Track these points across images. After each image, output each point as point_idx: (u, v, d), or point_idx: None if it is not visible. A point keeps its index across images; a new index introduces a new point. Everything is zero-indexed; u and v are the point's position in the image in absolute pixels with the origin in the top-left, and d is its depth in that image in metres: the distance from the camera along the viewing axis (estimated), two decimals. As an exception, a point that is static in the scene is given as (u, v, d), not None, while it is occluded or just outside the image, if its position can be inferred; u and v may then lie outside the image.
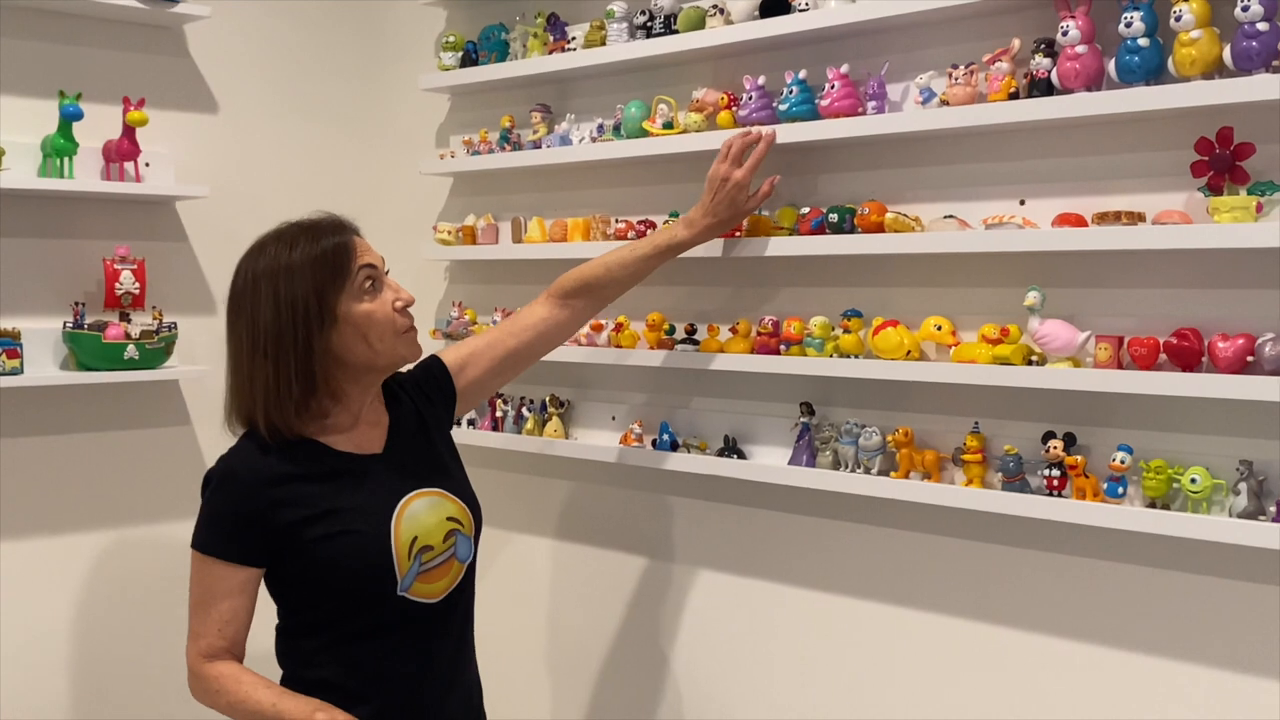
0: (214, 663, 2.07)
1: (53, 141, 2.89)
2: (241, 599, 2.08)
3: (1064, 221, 2.19)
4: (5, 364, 2.79)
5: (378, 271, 2.11)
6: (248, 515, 2.05)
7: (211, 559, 2.06)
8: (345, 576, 2.07)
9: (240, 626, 2.09)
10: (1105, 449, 2.20)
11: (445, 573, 2.15)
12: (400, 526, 2.09)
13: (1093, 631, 2.29)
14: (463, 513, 2.19)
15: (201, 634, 2.08)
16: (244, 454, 2.09)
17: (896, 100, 2.45)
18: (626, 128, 2.83)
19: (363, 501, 2.09)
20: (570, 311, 2.50)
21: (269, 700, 2.02)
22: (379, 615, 2.09)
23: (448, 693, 2.20)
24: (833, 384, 2.57)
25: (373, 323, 2.07)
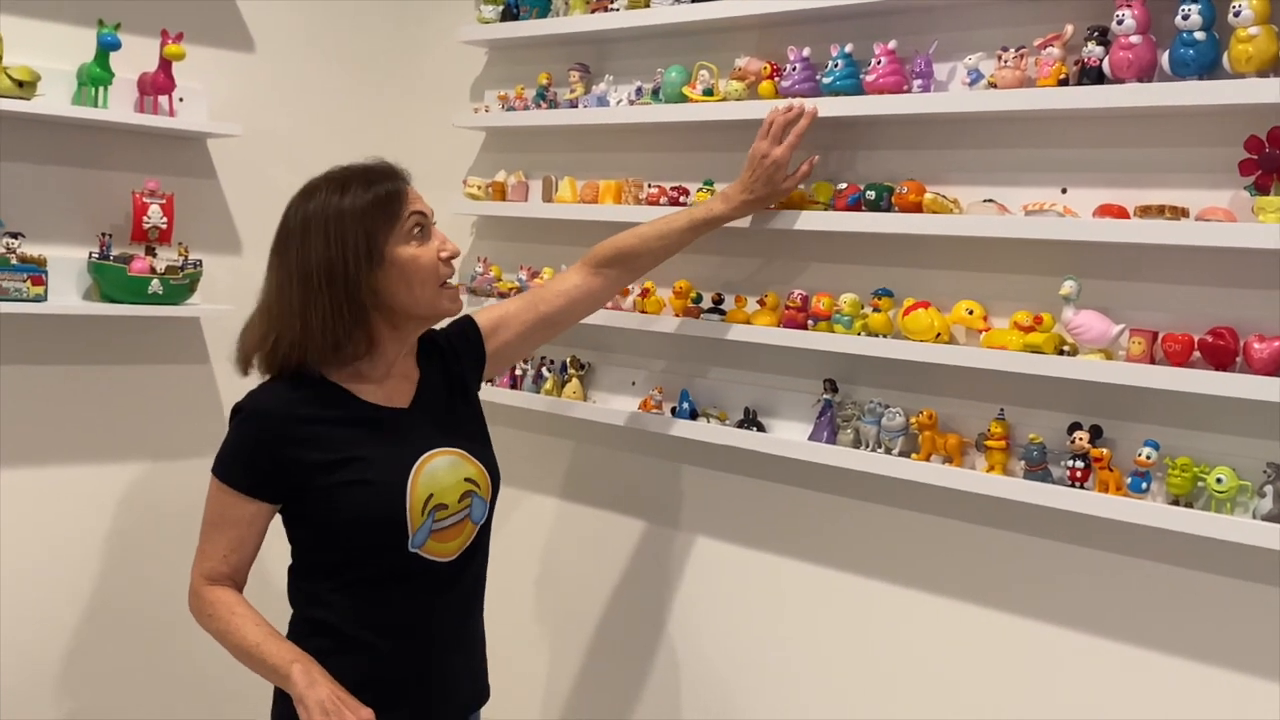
0: (214, 587, 2.11)
1: (89, 70, 2.87)
2: (250, 530, 2.11)
3: (1105, 212, 2.18)
4: (29, 290, 2.78)
5: (426, 220, 2.14)
6: (270, 451, 2.07)
7: (228, 487, 2.10)
8: (357, 525, 2.08)
9: (245, 557, 2.12)
10: (1131, 443, 2.18)
11: (458, 533, 2.16)
12: (417, 482, 2.10)
13: (1108, 626, 2.29)
14: (481, 475, 2.21)
15: (208, 555, 2.12)
16: (273, 392, 2.12)
17: (943, 80, 2.43)
18: (666, 92, 2.81)
19: (383, 453, 2.11)
20: (603, 280, 2.53)
21: (254, 639, 2.04)
22: (389, 568, 2.11)
23: (450, 652, 2.21)
24: (858, 362, 2.55)
25: (418, 267, 2.10)
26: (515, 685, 3.29)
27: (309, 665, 2.01)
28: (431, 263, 2.12)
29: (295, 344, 2.08)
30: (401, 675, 2.13)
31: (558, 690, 3.25)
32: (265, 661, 2.03)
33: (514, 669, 3.29)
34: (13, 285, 2.75)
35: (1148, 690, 2.24)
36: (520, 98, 3.18)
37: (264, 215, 3.23)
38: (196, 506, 3.11)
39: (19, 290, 2.76)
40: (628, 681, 3.07)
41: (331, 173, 2.15)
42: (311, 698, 1.96)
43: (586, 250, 3.00)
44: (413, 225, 2.11)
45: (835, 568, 2.68)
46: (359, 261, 2.06)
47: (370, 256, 2.06)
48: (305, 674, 1.99)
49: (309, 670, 2.00)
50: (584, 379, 3.10)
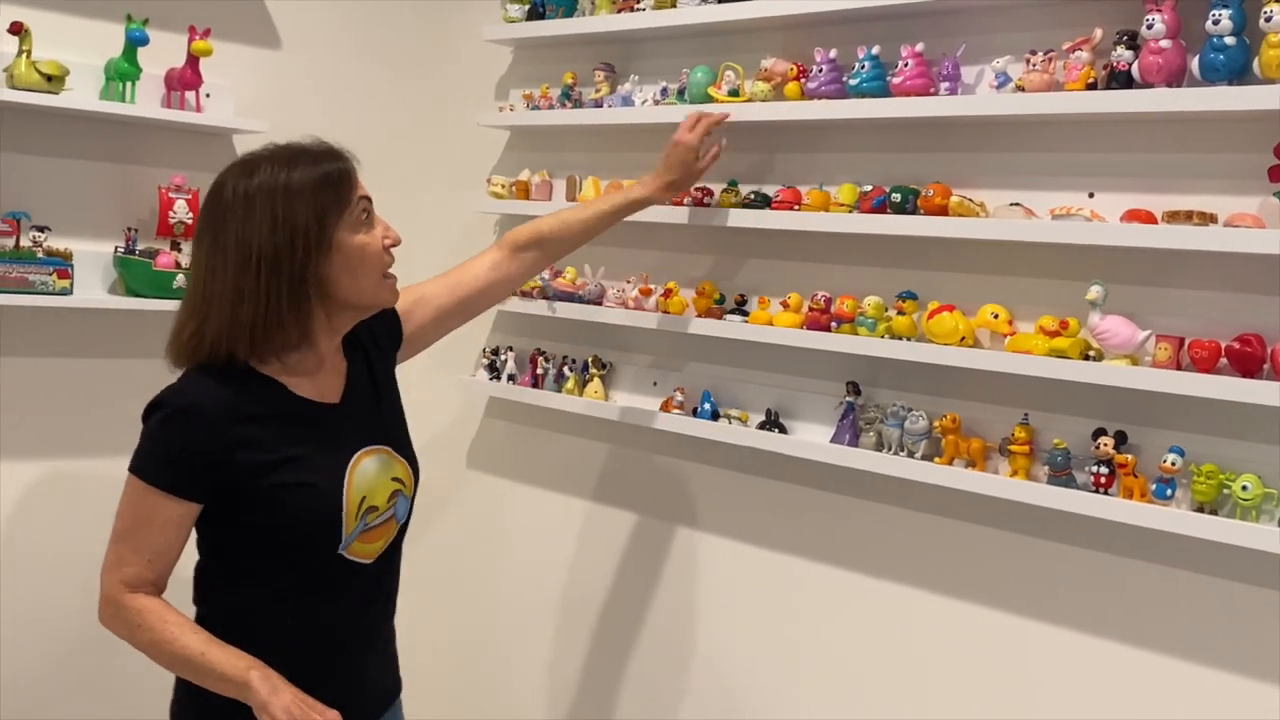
0: (136, 594, 1.95)
1: (117, 65, 2.89)
2: (177, 534, 1.96)
3: (1133, 217, 2.17)
4: (55, 284, 2.80)
5: (371, 206, 2.01)
6: (202, 450, 1.92)
7: (153, 489, 1.93)
8: (291, 529, 1.97)
9: (170, 561, 1.97)
10: (1156, 450, 2.17)
11: (383, 533, 2.08)
12: (352, 484, 2.01)
13: (1131, 633, 2.28)
14: (406, 473, 2.13)
15: (128, 562, 1.95)
16: (203, 387, 1.94)
17: (970, 83, 2.42)
18: (691, 92, 2.81)
19: (320, 453, 2.00)
20: (519, 264, 2.47)
21: (197, 647, 1.90)
22: (313, 570, 2.01)
23: (366, 652, 2.14)
24: (882, 365, 2.55)
25: (364, 256, 1.97)
26: (530, 686, 3.29)
27: (266, 671, 1.88)
28: (376, 252, 1.99)
29: (223, 332, 1.92)
30: (318, 676, 1.98)
31: (577, 690, 3.25)
32: (214, 670, 1.89)
33: (528, 669, 3.29)
34: (39, 278, 2.77)
35: (1173, 698, 2.23)
36: (545, 97, 3.19)
37: (288, 211, 3.30)
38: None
39: (45, 283, 2.78)
40: (646, 682, 3.07)
41: (274, 148, 2.00)
42: (276, 704, 1.84)
43: (607, 250, 3.01)
44: (361, 210, 1.98)
45: (856, 570, 2.67)
46: (307, 246, 1.91)
47: (320, 241, 1.92)
48: (265, 681, 1.86)
49: (268, 676, 1.87)
50: (605, 379, 3.10)
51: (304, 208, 1.91)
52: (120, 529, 1.97)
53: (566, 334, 3.21)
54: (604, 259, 3.04)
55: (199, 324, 1.94)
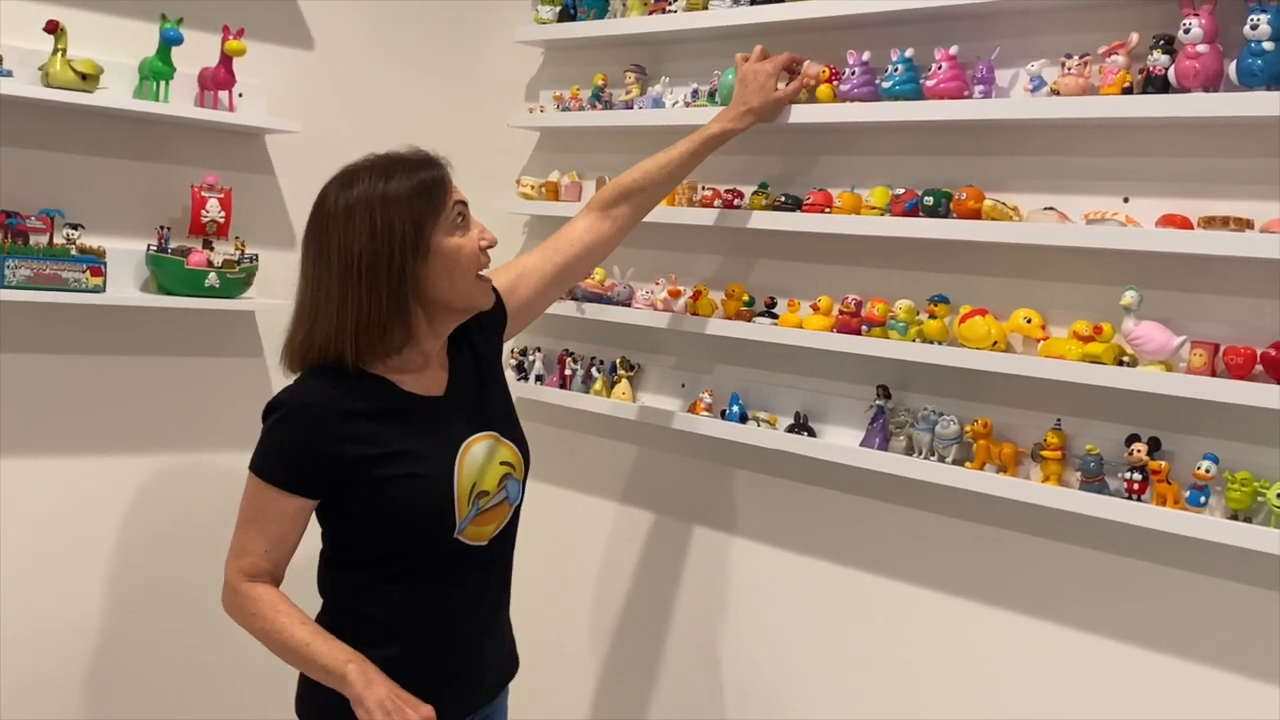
0: (254, 584, 2.07)
1: (151, 64, 2.90)
2: (293, 527, 2.07)
3: (1168, 222, 2.15)
4: (88, 281, 2.81)
5: (467, 209, 2.11)
6: (315, 448, 2.03)
7: (269, 485, 2.05)
8: (407, 518, 2.07)
9: (286, 553, 2.08)
10: (1190, 457, 2.16)
11: (496, 516, 2.16)
12: (462, 471, 2.10)
13: (1163, 640, 2.26)
14: (515, 456, 2.21)
15: (247, 552, 2.07)
16: (315, 387, 2.06)
17: (1004, 86, 2.41)
18: (722, 94, 2.80)
19: (429, 444, 2.09)
20: (612, 222, 2.52)
21: (303, 638, 2.01)
22: (430, 555, 2.10)
23: (485, 635, 2.21)
24: (913, 369, 2.54)
25: (460, 257, 2.07)
26: (561, 685, 3.29)
27: (364, 665, 1.98)
28: (472, 254, 2.08)
29: (330, 337, 2.03)
30: (441, 661, 2.12)
31: (604, 690, 3.25)
32: (316, 661, 2.00)
33: (558, 669, 3.29)
34: (72, 276, 2.78)
35: (1208, 708, 2.21)
36: (575, 98, 3.19)
37: (320, 211, 3.31)
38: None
39: (78, 281, 2.79)
40: (671, 683, 3.07)
41: (372, 159, 2.11)
42: (371, 698, 1.93)
43: (636, 252, 3.01)
44: (456, 214, 2.07)
45: (884, 575, 2.67)
46: (404, 251, 2.01)
47: (416, 246, 2.02)
48: (362, 674, 1.96)
49: (365, 670, 1.97)
50: (633, 380, 3.10)
51: (401, 215, 2.01)
52: (241, 521, 2.09)
53: (595, 335, 3.21)
54: (633, 260, 3.04)
55: (308, 330, 2.07)
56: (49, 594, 2.98)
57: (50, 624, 2.98)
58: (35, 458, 2.95)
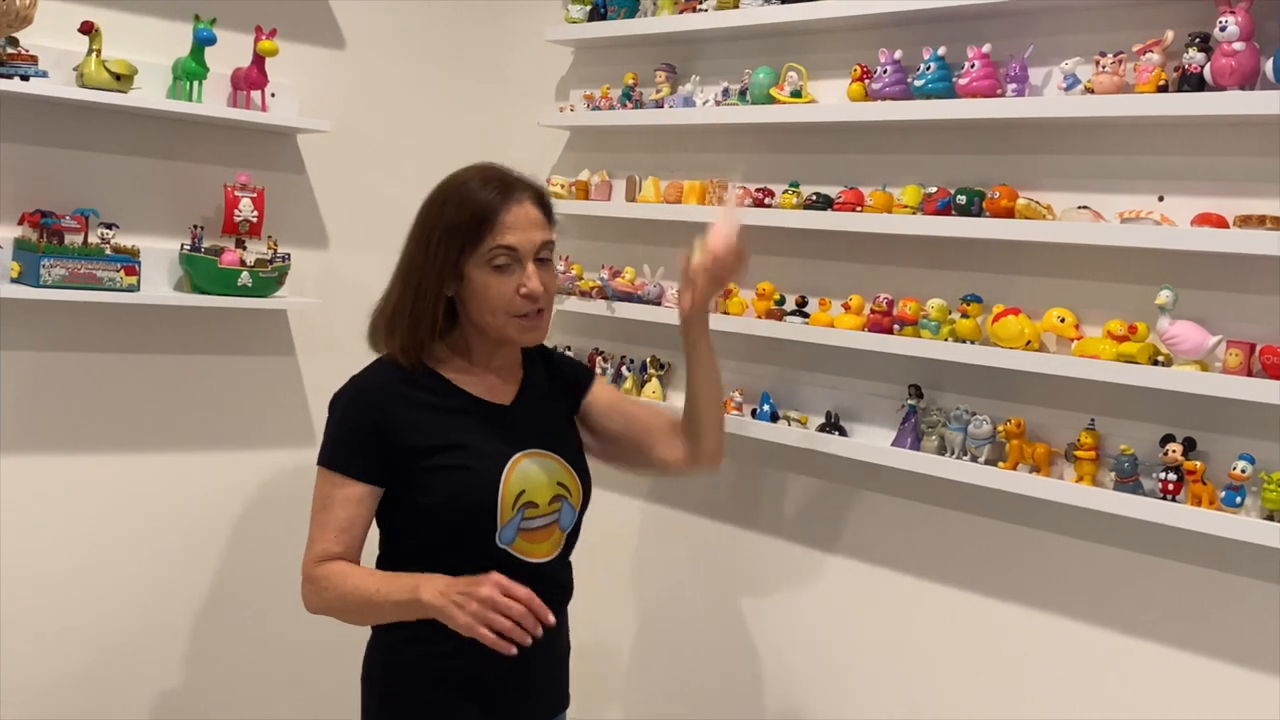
0: (325, 564, 2.09)
1: (184, 65, 2.92)
2: (359, 510, 2.10)
3: (1204, 221, 2.14)
4: (123, 280, 2.83)
5: (516, 255, 2.08)
6: (372, 431, 2.08)
7: (334, 473, 2.10)
8: (448, 509, 2.09)
9: (356, 535, 2.11)
10: (1226, 457, 2.15)
11: (548, 536, 2.16)
12: (511, 476, 2.11)
13: (1200, 642, 2.25)
14: (573, 481, 2.21)
15: (317, 540, 2.10)
16: (376, 374, 2.15)
17: (1038, 85, 2.40)
18: (753, 94, 2.80)
19: (482, 443, 2.12)
20: (676, 450, 2.34)
21: (373, 587, 2.04)
22: (477, 559, 2.07)
23: (535, 654, 2.06)
24: (945, 368, 2.53)
25: (486, 296, 2.09)
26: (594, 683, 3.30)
27: (428, 580, 1.98)
28: (502, 296, 2.09)
29: (384, 320, 2.15)
30: (485, 669, 2.09)
31: (631, 686, 3.25)
32: (390, 600, 2.01)
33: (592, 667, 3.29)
34: (107, 275, 2.80)
35: (1245, 709, 2.19)
36: (606, 97, 3.19)
37: (351, 210, 3.33)
38: (279, 497, 3.23)
39: (113, 280, 2.81)
40: (697, 680, 3.07)
41: (475, 169, 2.15)
42: (447, 608, 1.93)
43: (666, 250, 3.02)
44: (496, 256, 2.08)
45: (915, 575, 2.66)
46: (440, 271, 2.09)
47: (451, 270, 2.09)
48: (429, 587, 1.96)
49: (431, 583, 1.97)
50: (664, 379, 3.10)
51: (444, 236, 2.08)
52: (312, 514, 2.13)
53: (625, 334, 3.21)
54: (663, 259, 3.04)
55: (379, 310, 2.18)
56: (79, 590, 3.00)
57: (83, 619, 3.01)
58: (69, 455, 2.97)
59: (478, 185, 2.10)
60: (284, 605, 3.18)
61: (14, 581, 2.89)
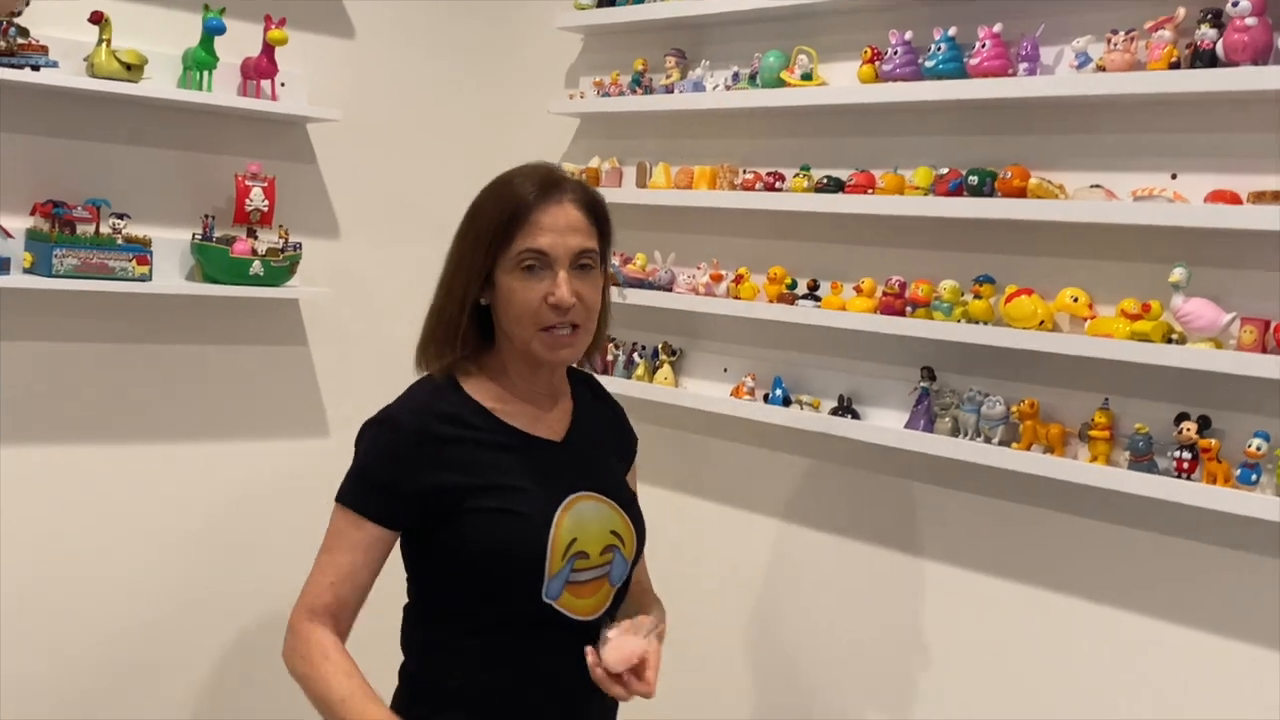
0: (314, 624, 1.85)
1: (194, 54, 2.92)
2: (366, 558, 1.86)
3: (1217, 198, 2.13)
4: (135, 270, 2.83)
5: (546, 259, 1.85)
6: (399, 470, 1.86)
7: (348, 511, 1.88)
8: (493, 558, 1.85)
9: (354, 589, 1.86)
10: (1241, 435, 2.14)
11: (595, 590, 1.92)
12: (563, 522, 1.88)
13: (1216, 622, 2.24)
14: (628, 532, 1.98)
15: (314, 583, 1.88)
16: (412, 401, 1.92)
17: (1049, 64, 2.39)
18: (763, 77, 2.80)
19: (532, 485, 1.89)
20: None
21: (340, 692, 1.80)
22: (519, 616, 1.87)
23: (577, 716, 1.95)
24: (958, 350, 2.52)
25: (513, 302, 1.87)
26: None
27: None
28: (527, 304, 1.86)
29: (429, 330, 1.94)
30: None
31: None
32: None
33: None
34: (119, 264, 2.81)
35: (1261, 690, 2.19)
36: (615, 84, 3.19)
37: (362, 199, 3.33)
38: (291, 487, 3.23)
39: (125, 269, 2.81)
40: (711, 666, 3.06)
41: (522, 168, 1.93)
42: None
43: (678, 236, 3.02)
44: (523, 259, 1.85)
45: (930, 558, 2.65)
46: (471, 272, 1.89)
47: (479, 271, 1.88)
48: None
49: None
50: (675, 365, 3.10)
51: (478, 236, 1.88)
52: (318, 556, 1.90)
53: (636, 320, 3.21)
54: (674, 245, 3.04)
55: (427, 320, 1.96)
56: (86, 582, 3.01)
57: (91, 609, 3.01)
58: (81, 445, 2.98)
59: (519, 181, 1.89)
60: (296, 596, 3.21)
61: (22, 573, 2.90)
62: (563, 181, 1.90)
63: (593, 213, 1.92)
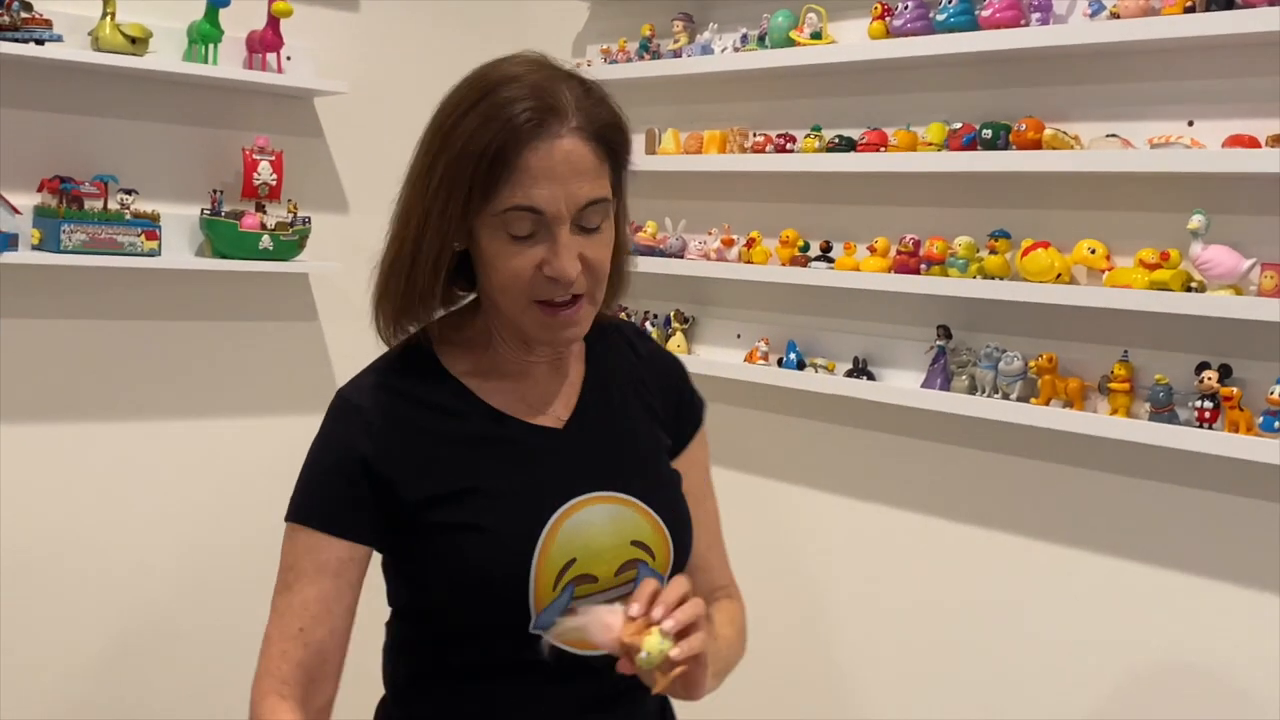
0: (280, 702, 1.41)
1: (199, 28, 2.90)
2: (337, 586, 1.43)
3: (1235, 143, 2.11)
4: (143, 245, 2.82)
5: (543, 220, 1.37)
6: (358, 466, 1.43)
7: (299, 529, 1.44)
8: (459, 590, 1.43)
9: (329, 632, 1.43)
10: (1263, 382, 2.11)
11: None
12: (555, 538, 1.42)
13: (1244, 572, 2.21)
14: (657, 537, 1.49)
15: (274, 642, 1.44)
16: (370, 381, 1.49)
17: (1062, 13, 2.36)
18: (772, 37, 2.77)
19: (511, 490, 1.44)
20: None
21: None
22: (509, 659, 1.44)
23: None
24: (974, 307, 2.50)
25: (495, 269, 1.41)
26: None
27: None
28: (515, 275, 1.39)
29: (389, 284, 1.45)
30: None
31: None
32: None
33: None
34: (127, 239, 2.79)
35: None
36: (623, 50, 3.17)
37: (370, 172, 3.31)
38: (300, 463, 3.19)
39: (134, 244, 2.80)
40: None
41: (502, 66, 1.44)
42: None
43: (688, 203, 3.00)
44: (511, 219, 1.37)
45: (950, 519, 2.63)
46: (444, 220, 1.40)
47: (455, 223, 1.40)
48: None
49: None
50: (688, 332, 3.08)
51: (454, 175, 1.38)
52: (272, 605, 1.46)
53: (648, 289, 3.18)
54: (685, 212, 3.02)
55: (381, 278, 1.47)
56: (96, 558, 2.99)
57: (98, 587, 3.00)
58: (90, 422, 2.97)
59: (511, 96, 1.37)
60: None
61: (28, 551, 2.88)
62: (563, 100, 1.38)
63: (604, 142, 1.41)
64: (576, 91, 1.41)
